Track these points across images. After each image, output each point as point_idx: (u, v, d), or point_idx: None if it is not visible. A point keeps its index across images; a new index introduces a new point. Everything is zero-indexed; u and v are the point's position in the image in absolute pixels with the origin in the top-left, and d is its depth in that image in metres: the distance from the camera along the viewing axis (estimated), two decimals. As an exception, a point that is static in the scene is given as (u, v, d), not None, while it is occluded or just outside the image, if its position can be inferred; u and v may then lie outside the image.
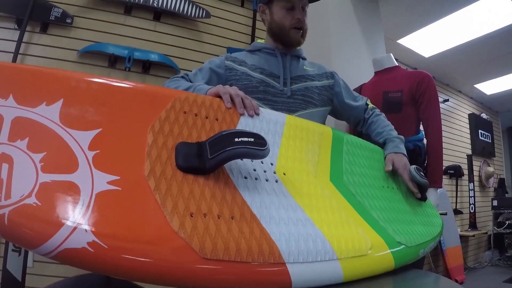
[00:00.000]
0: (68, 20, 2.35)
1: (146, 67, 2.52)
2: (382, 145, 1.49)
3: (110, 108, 0.80)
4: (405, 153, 1.42)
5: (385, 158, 1.42)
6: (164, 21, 2.69)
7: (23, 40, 2.23)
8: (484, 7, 3.80)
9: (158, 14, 2.65)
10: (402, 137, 1.49)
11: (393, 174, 1.37)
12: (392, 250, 0.97)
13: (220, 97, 1.07)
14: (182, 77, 1.42)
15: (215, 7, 2.93)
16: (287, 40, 1.52)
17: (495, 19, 4.07)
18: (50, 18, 2.29)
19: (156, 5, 2.58)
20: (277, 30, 1.52)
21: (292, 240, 0.78)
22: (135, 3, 2.53)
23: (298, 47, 1.61)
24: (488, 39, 4.50)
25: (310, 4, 1.54)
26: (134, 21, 2.59)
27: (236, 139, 0.78)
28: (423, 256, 1.22)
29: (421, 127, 2.17)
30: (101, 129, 0.75)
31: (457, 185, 5.64)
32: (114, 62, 2.41)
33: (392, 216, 1.14)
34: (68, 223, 0.58)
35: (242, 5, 3.08)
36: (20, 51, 2.22)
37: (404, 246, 1.03)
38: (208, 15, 2.76)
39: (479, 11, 3.89)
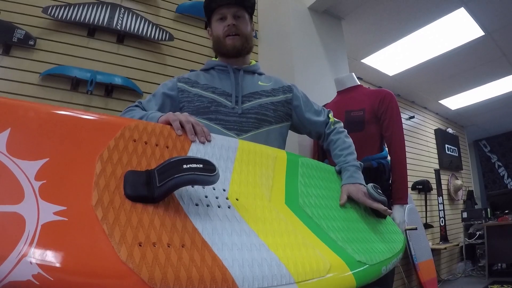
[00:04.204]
0: (31, 42, 2.29)
1: (108, 90, 2.46)
2: (339, 173, 1.47)
3: (58, 138, 0.78)
4: (362, 181, 1.40)
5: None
6: (127, 43, 2.67)
7: (-16, 63, 2.16)
8: (445, 25, 3.96)
9: (122, 37, 2.63)
10: (358, 164, 1.46)
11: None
12: (352, 270, 0.97)
13: (171, 124, 1.06)
14: (136, 105, 1.42)
15: (178, 30, 2.93)
16: (225, 51, 1.54)
17: (456, 36, 4.25)
18: (13, 40, 2.23)
19: (119, 28, 2.56)
20: (216, 43, 1.56)
21: (246, 266, 0.76)
22: (98, 25, 2.50)
23: (254, 63, 1.63)
24: (450, 56, 4.67)
25: (273, 26, 1.56)
26: (97, 44, 2.55)
27: (185, 166, 0.77)
28: (389, 273, 1.23)
29: (385, 145, 2.20)
30: (48, 158, 0.73)
31: (426, 199, 5.74)
32: (76, 85, 2.35)
33: (351, 235, 1.13)
34: (13, 255, 0.56)
35: (205, 28, 3.06)
36: (-19, 74, 2.14)
37: (365, 265, 1.02)
38: (171, 37, 2.76)
39: (441, 29, 4.05)
